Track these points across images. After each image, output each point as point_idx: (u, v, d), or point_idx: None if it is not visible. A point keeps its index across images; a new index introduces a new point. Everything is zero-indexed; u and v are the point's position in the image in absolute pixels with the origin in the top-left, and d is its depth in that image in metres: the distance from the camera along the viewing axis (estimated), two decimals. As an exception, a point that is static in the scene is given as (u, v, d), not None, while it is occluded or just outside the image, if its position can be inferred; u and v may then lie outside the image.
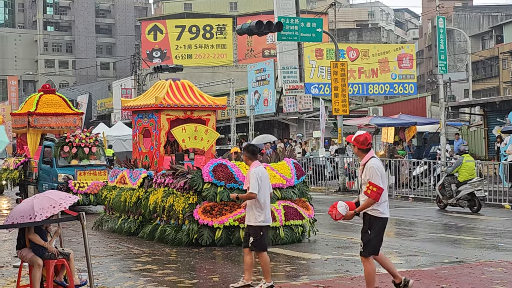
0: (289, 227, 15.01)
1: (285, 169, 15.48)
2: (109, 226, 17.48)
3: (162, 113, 17.10)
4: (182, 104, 17.19)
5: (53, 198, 9.57)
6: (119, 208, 16.88)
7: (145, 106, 17.46)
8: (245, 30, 26.31)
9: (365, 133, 9.74)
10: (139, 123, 18.09)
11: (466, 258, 12.95)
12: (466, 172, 21.92)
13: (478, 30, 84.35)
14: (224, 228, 14.47)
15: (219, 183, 14.52)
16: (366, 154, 9.54)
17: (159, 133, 17.19)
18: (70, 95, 59.57)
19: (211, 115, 17.84)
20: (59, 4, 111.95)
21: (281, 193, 15.15)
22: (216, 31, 74.56)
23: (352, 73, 51.76)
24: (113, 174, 18.29)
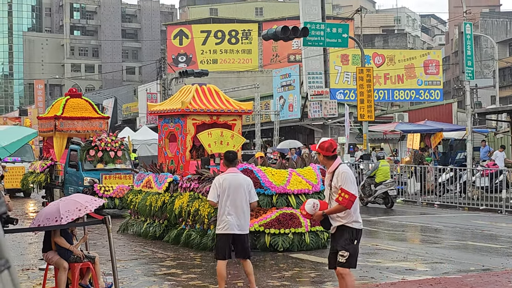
0: (315, 233, 14.96)
1: (311, 175, 15.42)
2: (134, 230, 17.52)
3: (188, 118, 17.08)
4: (208, 109, 17.18)
5: (79, 201, 9.62)
6: (145, 212, 16.92)
7: (171, 111, 17.45)
8: (270, 36, 26.31)
9: (329, 139, 9.29)
10: (165, 128, 18.11)
11: (493, 266, 12.83)
12: (381, 174, 25.49)
13: (505, 36, 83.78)
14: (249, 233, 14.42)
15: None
16: (333, 161, 8.98)
17: (185, 138, 17.19)
18: (96, 99, 59.92)
19: (237, 120, 17.81)
20: (86, 9, 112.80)
21: (307, 198, 15.07)
22: (242, 36, 74.68)
23: (378, 79, 51.60)
24: (138, 178, 18.36)
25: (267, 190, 14.62)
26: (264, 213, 14.30)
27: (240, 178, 10.37)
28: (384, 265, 13.10)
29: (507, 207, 23.70)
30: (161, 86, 63.59)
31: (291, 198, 14.77)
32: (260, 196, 14.34)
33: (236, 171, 10.54)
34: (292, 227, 14.58)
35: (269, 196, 14.67)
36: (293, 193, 14.89)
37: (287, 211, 14.67)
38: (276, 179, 14.81)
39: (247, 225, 10.38)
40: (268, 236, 14.50)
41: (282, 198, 14.73)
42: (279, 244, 14.41)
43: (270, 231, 14.48)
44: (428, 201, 27.21)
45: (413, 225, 20.67)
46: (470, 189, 26.46)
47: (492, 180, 26.15)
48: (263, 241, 14.44)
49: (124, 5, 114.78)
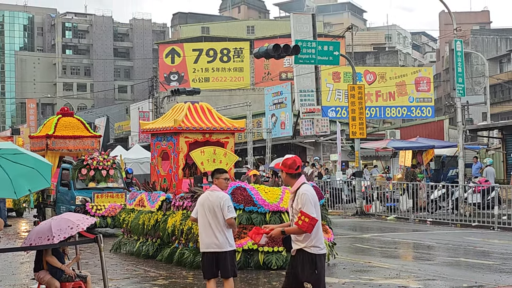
0: None
1: None
2: (127, 249, 17.42)
3: (181, 136, 17.07)
4: (200, 126, 17.19)
5: (71, 220, 9.61)
6: (137, 231, 16.84)
7: (163, 129, 17.44)
8: (262, 54, 26.39)
9: (294, 156, 8.83)
10: (158, 146, 18.08)
11: (486, 283, 12.82)
12: None
13: (496, 53, 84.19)
14: (243, 251, 14.38)
15: (238, 206, 14.42)
16: (296, 180, 8.40)
17: (178, 156, 17.16)
18: (88, 118, 59.91)
19: (230, 137, 17.81)
20: (78, 28, 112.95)
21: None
22: (233, 54, 74.81)
23: (369, 96, 51.76)
24: (131, 197, 18.29)
25: (261, 208, 14.57)
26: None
27: (214, 196, 10.13)
28: (377, 282, 13.08)
29: (499, 224, 23.70)
30: (153, 105, 63.60)
31: (284, 216, 14.67)
32: (253, 214, 14.40)
33: (213, 188, 10.30)
34: None
35: (263, 214, 14.62)
36: (287, 211, 14.70)
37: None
38: (269, 197, 14.77)
39: (226, 243, 10.06)
40: (261, 254, 14.42)
41: (276, 216, 14.64)
42: (273, 262, 14.33)
43: (264, 249, 14.40)
44: (421, 218, 27.19)
45: (406, 242, 20.66)
46: (462, 205, 26.47)
47: (484, 196, 26.18)
48: (257, 259, 14.40)
49: (116, 24, 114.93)
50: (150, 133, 18.66)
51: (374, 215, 28.97)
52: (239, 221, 14.34)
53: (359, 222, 26.24)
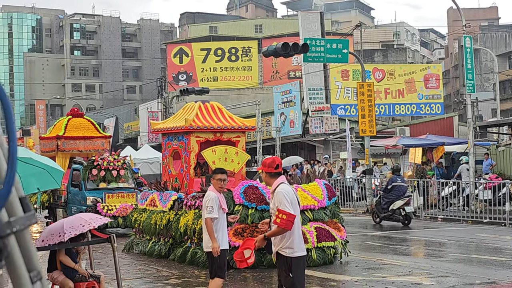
0: (321, 249, 14.88)
1: (317, 190, 15.39)
2: (139, 249, 17.41)
3: (192, 135, 17.04)
4: (211, 126, 17.15)
5: (84, 218, 9.66)
6: (150, 230, 16.83)
7: (174, 129, 17.41)
8: (271, 52, 26.36)
9: (273, 156, 8.97)
10: (169, 146, 18.05)
11: (498, 279, 12.79)
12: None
13: (504, 49, 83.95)
14: (255, 250, 14.30)
15: (250, 205, 14.44)
16: (275, 179, 8.47)
17: (189, 155, 17.12)
18: (97, 119, 59.97)
19: (241, 136, 17.75)
20: (86, 29, 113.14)
21: (313, 214, 15.05)
22: (242, 53, 74.81)
23: (378, 93, 51.66)
24: (143, 196, 18.27)
25: None
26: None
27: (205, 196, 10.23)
28: (389, 279, 13.06)
29: (510, 220, 23.65)
30: (162, 105, 63.65)
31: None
32: (265, 212, 14.21)
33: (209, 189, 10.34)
34: None
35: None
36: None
37: None
38: None
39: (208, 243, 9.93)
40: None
41: None
42: None
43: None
44: (432, 215, 27.15)
45: (417, 239, 20.62)
46: (473, 202, 26.42)
47: (495, 193, 26.12)
48: (270, 258, 14.28)
49: (124, 25, 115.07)
50: (161, 132, 18.62)
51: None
52: (252, 219, 14.33)
53: (369, 219, 26.18)
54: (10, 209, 1.41)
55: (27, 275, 1.41)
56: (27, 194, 9.93)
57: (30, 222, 1.48)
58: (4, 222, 1.40)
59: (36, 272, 1.44)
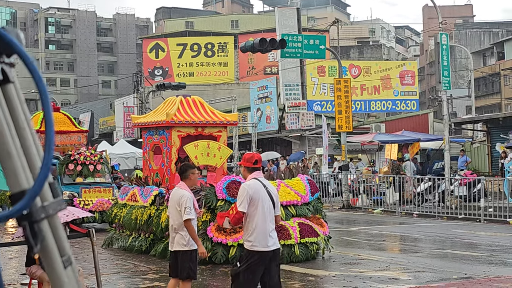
0: (304, 245, 14.80)
1: (300, 186, 15.33)
2: (119, 245, 17.24)
3: (173, 130, 16.84)
4: (193, 120, 16.94)
5: (67, 209, 9.62)
6: (130, 226, 16.64)
7: (156, 123, 17.17)
8: (248, 48, 26.38)
9: (253, 152, 9.28)
10: (150, 140, 17.80)
11: (475, 274, 12.91)
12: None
13: (479, 46, 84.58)
14: (238, 246, 14.16)
15: (233, 200, 13.99)
16: (251, 174, 8.73)
17: (170, 150, 16.91)
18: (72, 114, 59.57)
19: (222, 131, 17.57)
20: (61, 23, 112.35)
21: (296, 210, 14.99)
22: (218, 49, 74.73)
23: (354, 90, 51.79)
24: (123, 191, 18.06)
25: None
26: None
27: (174, 194, 9.86)
28: (367, 274, 13.14)
29: (485, 216, 23.87)
30: (138, 100, 63.48)
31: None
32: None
33: (180, 185, 9.95)
34: (281, 239, 14.11)
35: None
36: (282, 204, 14.39)
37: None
38: None
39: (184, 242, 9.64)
40: None
41: None
42: None
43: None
44: (407, 210, 27.33)
45: (393, 235, 20.75)
46: (449, 198, 26.62)
47: (470, 189, 26.35)
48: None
49: (99, 19, 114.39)
50: (142, 127, 18.39)
51: (360, 209, 29.09)
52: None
53: (346, 215, 26.33)
54: (42, 194, 1.43)
55: (60, 259, 1.43)
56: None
57: (61, 207, 1.50)
58: (39, 207, 1.41)
59: (67, 256, 1.46)
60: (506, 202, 24.59)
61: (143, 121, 18.00)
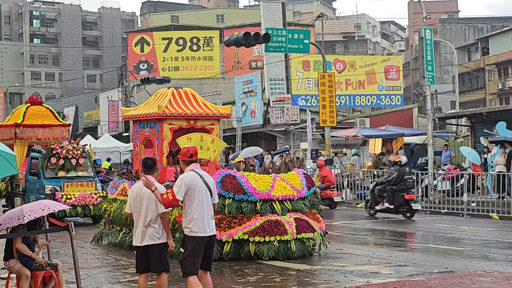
0: (301, 241, 14.40)
1: (295, 180, 14.93)
2: (109, 240, 16.79)
3: (165, 122, 16.27)
4: (185, 113, 16.39)
5: (43, 203, 9.57)
6: (120, 221, 16.10)
7: (147, 115, 16.59)
8: (232, 42, 26.32)
9: (189, 146, 9.66)
10: (140, 133, 17.20)
11: (456, 268, 12.92)
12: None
13: (464, 42, 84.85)
14: (233, 241, 13.97)
15: (228, 195, 14.05)
16: (188, 166, 9.39)
17: (162, 143, 16.31)
18: (56, 108, 59.33)
19: (215, 124, 17.00)
20: (46, 17, 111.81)
21: (292, 205, 14.56)
22: (203, 43, 74.62)
23: (339, 84, 51.82)
24: (113, 186, 17.56)
25: (251, 197, 14.11)
26: (248, 221, 13.87)
27: (142, 189, 9.73)
28: (348, 268, 13.14)
29: (468, 210, 23.94)
30: (123, 94, 63.28)
31: (275, 205, 14.26)
32: (243, 202, 14.04)
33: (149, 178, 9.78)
34: (277, 235, 14.03)
35: (253, 203, 14.16)
36: (278, 199, 14.36)
37: (272, 218, 14.13)
38: (259, 184, 14.35)
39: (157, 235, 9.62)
40: (252, 244, 13.97)
41: (267, 204, 14.25)
42: (264, 253, 13.90)
43: (255, 239, 13.94)
44: (391, 205, 27.33)
45: (376, 229, 20.78)
46: (432, 193, 26.68)
47: (454, 183, 26.42)
48: (247, 250, 13.96)
49: (84, 13, 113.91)
50: (132, 119, 17.80)
51: (344, 203, 29.09)
52: (229, 210, 13.99)
53: (329, 209, 26.30)
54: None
55: None
56: None
57: None
58: None
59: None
60: (489, 197, 24.68)
61: (134, 114, 17.42)
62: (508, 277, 11.76)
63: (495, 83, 74.73)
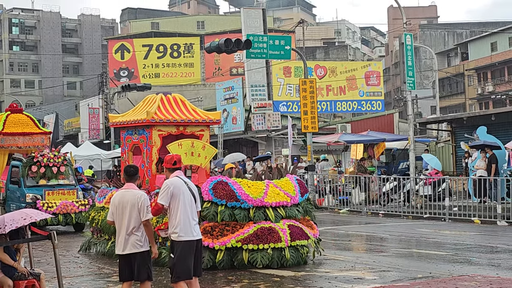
0: (295, 248, 14.17)
1: (289, 186, 14.69)
2: (97, 249, 16.47)
3: (154, 129, 15.94)
4: (174, 119, 16.07)
5: (25, 212, 9.47)
6: (109, 230, 15.70)
7: (135, 122, 16.24)
8: (214, 48, 26.29)
9: (173, 154, 10.12)
10: (129, 140, 16.86)
11: (440, 273, 12.95)
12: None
13: (443, 47, 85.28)
14: (226, 249, 13.74)
15: (220, 202, 13.80)
16: (172, 173, 9.73)
17: (151, 150, 16.01)
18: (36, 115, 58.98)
19: (205, 130, 16.73)
20: (25, 24, 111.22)
21: (285, 211, 14.31)
22: (184, 50, 74.54)
23: (320, 90, 51.94)
24: (101, 194, 17.23)
25: (244, 203, 13.86)
26: (241, 228, 13.68)
27: (127, 195, 9.66)
28: (332, 274, 13.13)
29: (450, 215, 24.03)
30: (103, 101, 63.07)
31: (269, 211, 14.03)
32: (236, 210, 13.81)
33: (129, 186, 9.81)
34: (271, 242, 13.79)
35: (246, 210, 13.91)
36: (271, 205, 14.12)
37: (266, 225, 13.88)
38: (252, 191, 14.10)
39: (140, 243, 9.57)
40: (246, 252, 13.72)
41: (260, 211, 13.99)
42: (258, 261, 13.66)
43: (248, 246, 13.69)
44: (373, 210, 27.44)
45: (359, 235, 20.80)
46: (414, 197, 26.76)
47: (435, 188, 26.53)
48: (241, 258, 13.72)
49: (64, 20, 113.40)
50: (120, 126, 17.27)
51: (327, 209, 29.13)
52: (222, 217, 13.73)
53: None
54: None
55: None
56: None
57: None
58: None
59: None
60: (470, 201, 24.78)
61: (122, 120, 17.01)
62: (491, 281, 11.78)
63: (475, 88, 75.16)
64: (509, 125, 31.40)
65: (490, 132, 28.45)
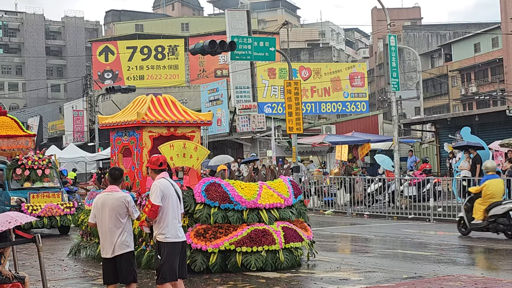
0: (289, 250, 14.04)
1: (282, 188, 14.58)
2: (87, 253, 16.28)
3: (144, 130, 15.74)
4: (165, 120, 15.86)
5: (10, 215, 9.41)
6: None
7: (125, 123, 16.00)
8: (198, 50, 26.23)
9: (159, 155, 10.06)
10: (118, 142, 16.61)
11: (425, 273, 12.99)
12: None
13: (427, 48, 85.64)
14: (219, 252, 13.53)
15: (213, 204, 13.63)
16: (158, 175, 9.75)
17: (141, 152, 15.76)
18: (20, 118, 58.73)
19: (196, 131, 16.50)
20: (8, 26, 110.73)
21: (279, 213, 14.16)
22: (168, 51, 74.40)
23: (305, 92, 51.98)
24: (90, 197, 16.99)
25: (237, 205, 13.71)
26: (235, 230, 13.52)
27: (110, 198, 9.69)
28: (318, 275, 13.15)
29: (434, 215, 24.13)
30: (88, 103, 62.89)
31: (262, 213, 13.89)
32: (229, 211, 13.65)
33: (113, 189, 9.81)
34: (265, 245, 13.63)
35: (239, 212, 13.75)
36: (265, 207, 13.98)
37: (259, 227, 13.71)
38: (246, 193, 13.94)
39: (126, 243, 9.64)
40: (239, 255, 13.53)
41: (253, 213, 13.83)
42: (252, 263, 13.46)
43: (242, 249, 13.52)
44: (358, 211, 27.52)
45: (344, 236, 20.84)
46: (399, 198, 26.87)
47: (420, 189, 26.63)
48: (234, 261, 13.55)
49: (47, 22, 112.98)
50: (110, 127, 16.96)
51: (312, 210, 29.16)
52: (215, 219, 13.54)
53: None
54: None
55: None
56: None
57: None
58: None
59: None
60: (455, 202, 24.90)
61: (112, 121, 16.76)
62: (476, 281, 11.84)
63: (458, 89, 75.52)
64: (492, 126, 31.61)
65: (473, 132, 28.62)
